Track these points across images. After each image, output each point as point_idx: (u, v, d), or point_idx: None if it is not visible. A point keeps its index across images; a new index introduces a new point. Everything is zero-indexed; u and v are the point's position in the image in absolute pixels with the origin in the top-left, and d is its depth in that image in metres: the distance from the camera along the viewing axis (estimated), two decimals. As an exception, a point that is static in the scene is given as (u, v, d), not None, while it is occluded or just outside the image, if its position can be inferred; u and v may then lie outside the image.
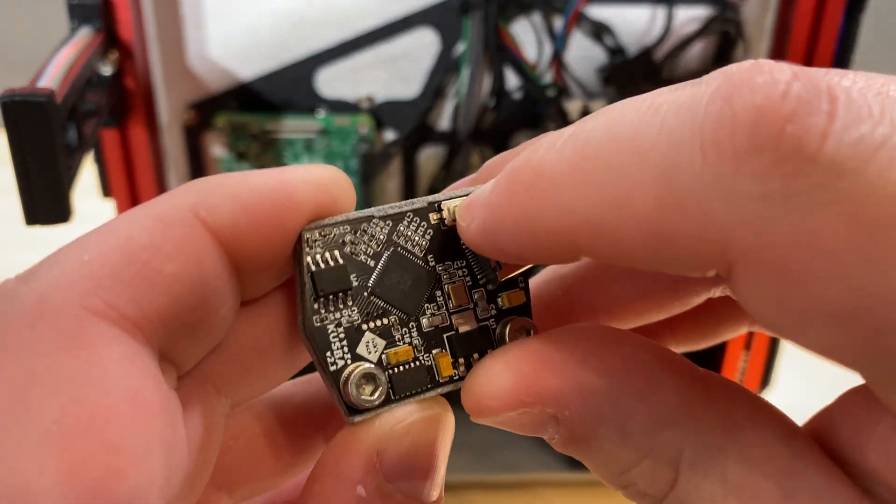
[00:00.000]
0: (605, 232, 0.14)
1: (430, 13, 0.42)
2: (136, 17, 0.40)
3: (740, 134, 0.13)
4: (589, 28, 0.42)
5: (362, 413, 0.18)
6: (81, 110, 0.35)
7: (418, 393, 0.18)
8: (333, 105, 0.44)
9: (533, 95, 0.43)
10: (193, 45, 0.43)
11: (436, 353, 0.18)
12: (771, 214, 0.13)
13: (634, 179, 0.14)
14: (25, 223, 0.32)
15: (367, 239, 0.18)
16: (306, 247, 0.17)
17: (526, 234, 0.16)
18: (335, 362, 0.17)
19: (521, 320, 0.19)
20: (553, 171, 0.15)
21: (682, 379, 0.16)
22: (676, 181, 0.13)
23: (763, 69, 0.13)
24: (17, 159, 0.31)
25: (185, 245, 0.16)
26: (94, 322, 0.15)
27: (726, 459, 0.15)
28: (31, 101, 0.30)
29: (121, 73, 0.40)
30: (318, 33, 0.43)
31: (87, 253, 0.16)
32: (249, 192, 0.17)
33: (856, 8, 0.39)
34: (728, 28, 0.42)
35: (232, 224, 0.17)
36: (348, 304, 0.18)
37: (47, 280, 0.15)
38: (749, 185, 0.13)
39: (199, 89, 0.44)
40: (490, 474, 0.49)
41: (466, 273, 0.19)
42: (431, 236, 0.19)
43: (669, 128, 0.14)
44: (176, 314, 0.16)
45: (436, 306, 0.19)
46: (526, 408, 0.16)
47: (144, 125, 0.42)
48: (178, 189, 0.17)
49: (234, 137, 0.44)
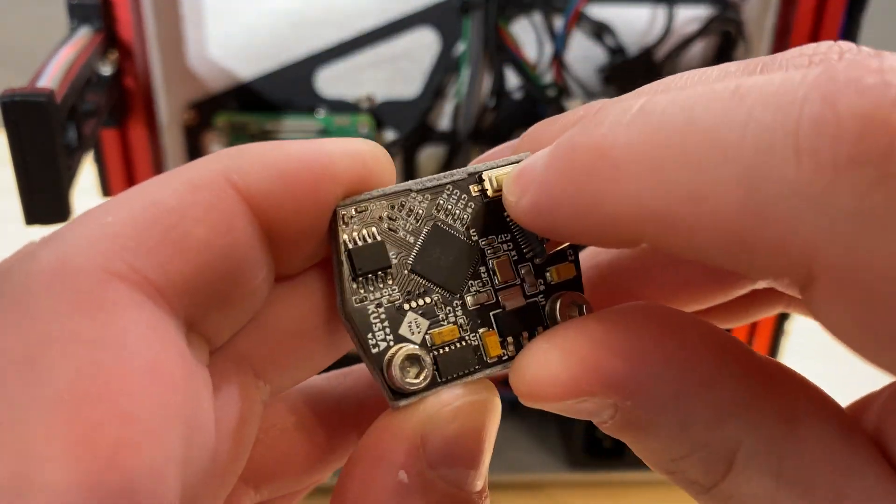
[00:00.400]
0: (676, 227, 0.13)
1: (430, 13, 0.42)
2: (135, 17, 0.40)
3: (844, 142, 0.12)
4: (589, 28, 0.42)
5: (407, 397, 0.17)
6: (81, 110, 0.35)
7: (466, 375, 0.17)
8: (333, 105, 0.44)
9: (533, 95, 0.43)
10: (193, 45, 0.43)
11: (482, 332, 0.17)
12: (867, 233, 0.12)
13: (715, 177, 0.13)
14: (25, 223, 0.32)
15: (405, 214, 0.17)
16: (342, 223, 0.17)
17: (585, 219, 0.15)
18: (377, 344, 0.17)
19: (572, 295, 0.18)
20: (620, 154, 0.14)
21: (745, 368, 0.15)
22: (764, 186, 0.12)
23: (872, 67, 0.12)
24: (17, 159, 0.31)
25: (214, 209, 0.15)
26: (115, 285, 0.14)
27: (783, 454, 0.15)
28: (31, 100, 0.30)
29: (120, 73, 0.40)
30: (318, 33, 0.43)
31: (112, 215, 0.15)
32: (285, 158, 0.16)
33: (856, 8, 0.39)
34: (729, 28, 0.42)
35: (265, 190, 0.16)
36: (388, 282, 0.17)
37: (69, 242, 0.14)
38: (848, 199, 0.12)
39: (199, 89, 0.44)
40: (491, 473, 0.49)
41: (512, 247, 0.18)
42: (473, 209, 0.18)
43: (758, 124, 0.12)
44: (204, 282, 0.15)
45: (480, 283, 0.18)
46: (587, 396, 0.15)
47: (144, 125, 0.42)
48: (210, 155, 0.16)
49: (234, 137, 0.44)
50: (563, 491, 0.51)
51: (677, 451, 0.15)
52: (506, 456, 0.50)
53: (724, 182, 0.13)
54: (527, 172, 0.16)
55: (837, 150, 0.12)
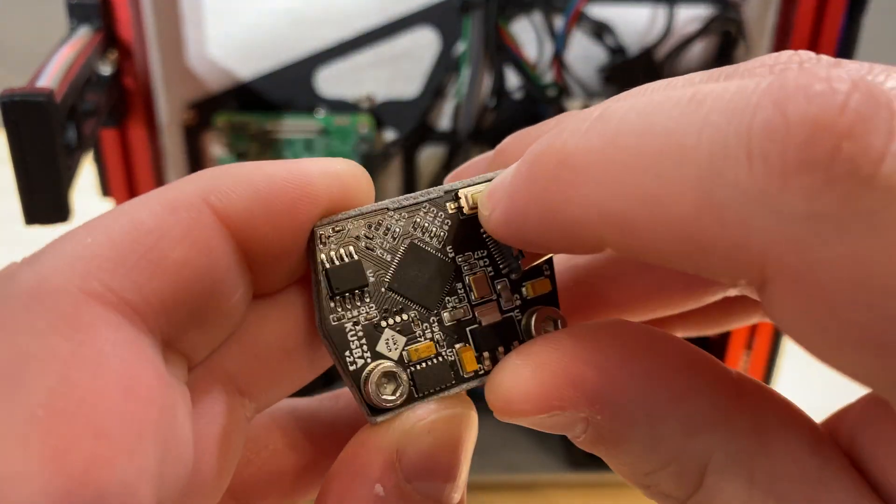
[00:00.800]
0: (635, 230, 0.14)
1: (430, 13, 0.42)
2: (135, 16, 0.40)
3: (792, 148, 0.12)
4: (590, 27, 0.42)
5: (384, 413, 0.17)
6: (81, 110, 0.35)
7: (442, 390, 0.18)
8: (333, 105, 0.44)
9: (533, 95, 0.43)
10: (193, 44, 0.43)
11: (459, 347, 0.18)
12: (817, 235, 0.12)
13: (672, 181, 0.13)
14: (25, 223, 0.32)
15: (382, 233, 0.18)
16: (319, 243, 0.17)
17: (550, 226, 0.15)
18: (354, 361, 0.17)
19: (548, 310, 0.18)
20: (579, 161, 0.14)
21: (716, 382, 0.16)
22: (718, 190, 0.13)
23: (821, 76, 0.12)
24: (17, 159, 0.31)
25: (192, 230, 0.16)
26: (91, 305, 0.14)
27: (754, 466, 0.15)
28: (31, 100, 0.30)
29: (120, 73, 0.40)
30: (318, 33, 0.43)
31: (92, 236, 0.15)
32: (263, 179, 0.16)
33: (857, 9, 0.39)
34: (729, 28, 0.42)
35: (243, 211, 0.16)
36: (366, 300, 0.17)
37: (48, 263, 0.15)
38: (797, 202, 0.12)
39: (199, 89, 0.44)
40: (491, 474, 0.49)
41: (488, 263, 0.18)
42: (450, 226, 0.18)
43: (714, 129, 0.13)
44: (181, 301, 0.16)
45: (457, 299, 0.18)
46: (557, 411, 0.16)
47: (144, 125, 0.42)
48: (189, 176, 0.16)
49: (233, 137, 0.44)
50: (563, 492, 0.51)
51: (650, 465, 0.16)
52: (505, 457, 0.50)
53: (680, 185, 0.13)
54: (498, 186, 0.17)
55: (786, 155, 0.12)
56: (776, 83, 0.13)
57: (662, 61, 0.42)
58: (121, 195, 0.43)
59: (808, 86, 0.12)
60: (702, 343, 0.42)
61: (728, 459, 0.15)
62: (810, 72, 0.13)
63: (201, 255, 0.16)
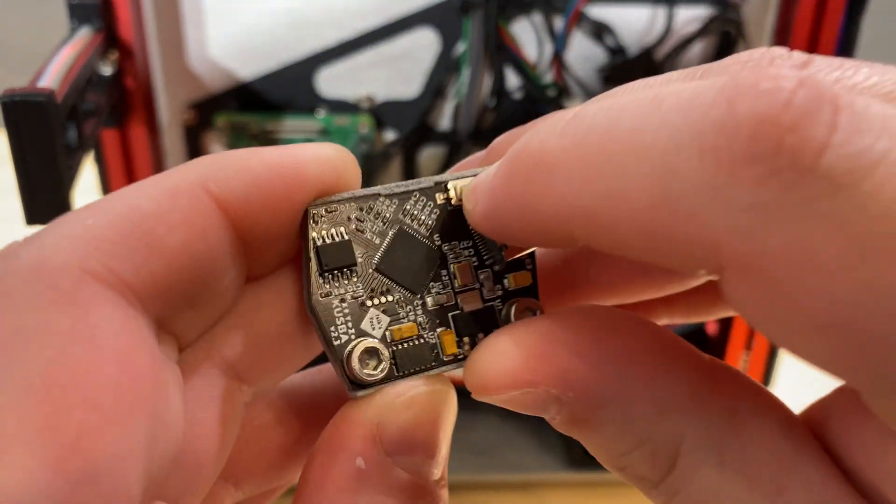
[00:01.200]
0: (600, 224, 0.14)
1: (430, 13, 0.42)
2: (135, 17, 0.40)
3: (739, 142, 0.13)
4: (589, 28, 0.42)
5: (365, 388, 0.18)
6: (81, 110, 0.35)
7: (422, 371, 0.18)
8: (333, 105, 0.44)
9: (533, 95, 0.43)
10: (193, 45, 0.43)
11: (441, 331, 0.18)
12: (762, 224, 0.13)
13: (631, 175, 0.14)
14: (26, 223, 0.32)
15: (373, 216, 0.18)
16: (312, 222, 0.18)
17: (525, 220, 0.16)
18: (339, 337, 0.18)
19: (527, 301, 0.19)
20: (553, 159, 0.15)
21: (688, 366, 0.16)
22: (672, 183, 0.13)
23: (768, 74, 0.13)
24: (18, 159, 0.31)
25: (190, 216, 0.16)
26: (90, 283, 0.15)
27: (725, 449, 0.15)
28: (32, 100, 0.30)
29: (121, 73, 0.40)
30: (319, 33, 0.43)
31: (92, 218, 0.16)
32: (260, 165, 0.17)
33: (856, 9, 0.39)
34: (728, 28, 0.42)
35: (241, 196, 0.17)
36: (353, 280, 0.18)
37: (49, 241, 0.15)
38: (743, 193, 0.13)
39: (199, 89, 0.44)
40: (490, 474, 0.49)
41: (472, 253, 0.19)
42: (438, 216, 0.19)
43: (670, 126, 0.14)
44: (176, 283, 0.16)
45: (441, 285, 0.19)
46: (530, 387, 0.16)
47: (144, 125, 0.42)
48: (188, 162, 0.17)
49: (234, 137, 0.44)
50: (561, 491, 0.51)
51: (623, 446, 0.16)
52: (504, 456, 0.50)
53: (640, 180, 0.14)
54: (480, 181, 0.17)
55: (734, 149, 0.13)
56: (729, 82, 0.13)
57: (662, 61, 0.42)
58: (121, 195, 0.43)
59: (756, 83, 0.13)
60: (701, 342, 0.42)
61: (700, 441, 0.15)
62: (761, 70, 0.13)
63: (198, 239, 0.16)
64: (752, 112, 0.13)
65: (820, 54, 0.16)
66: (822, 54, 0.16)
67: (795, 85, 0.13)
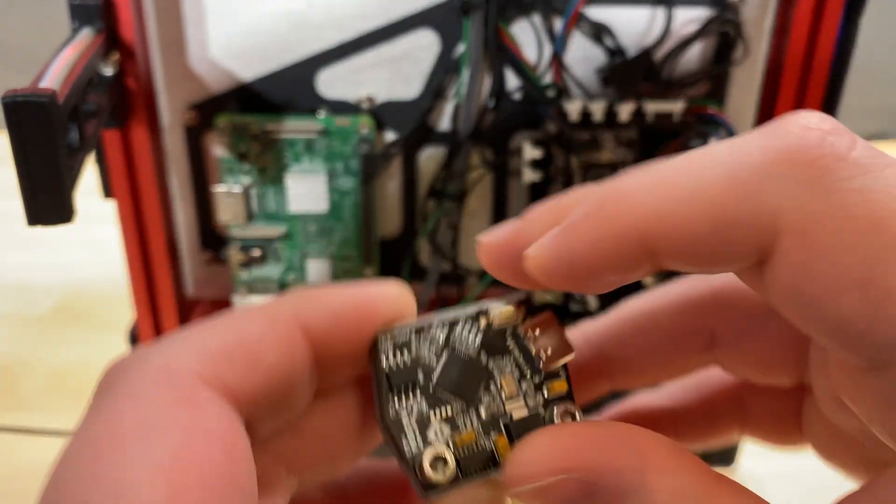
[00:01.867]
0: (676, 224, 0.18)
1: (430, 14, 0.42)
2: (137, 17, 0.40)
3: (792, 141, 0.17)
4: (589, 29, 0.42)
5: (436, 490, 0.20)
6: (83, 111, 0.36)
7: (483, 472, 0.21)
8: (334, 106, 0.44)
9: (533, 96, 0.43)
10: (194, 45, 0.43)
11: (495, 437, 0.21)
12: (811, 195, 0.17)
13: (706, 177, 0.18)
14: (27, 223, 0.32)
15: (429, 342, 0.22)
16: (381, 351, 0.21)
17: (599, 243, 0.19)
18: (410, 447, 0.21)
19: (565, 405, 0.22)
20: (629, 184, 0.19)
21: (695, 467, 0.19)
22: (741, 173, 0.17)
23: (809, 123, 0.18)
24: (19, 159, 0.31)
25: (284, 340, 0.20)
26: (203, 387, 0.18)
27: None
28: (33, 101, 0.30)
29: (122, 74, 0.40)
30: (319, 34, 0.43)
31: (209, 336, 0.20)
32: (339, 300, 0.21)
33: (854, 11, 0.39)
34: (727, 29, 0.42)
35: (324, 327, 0.21)
36: (417, 396, 0.21)
37: (174, 350, 0.19)
38: (796, 172, 0.17)
39: (200, 90, 0.44)
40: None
41: (514, 367, 0.22)
42: (483, 337, 0.22)
43: (737, 147, 0.18)
44: (266, 393, 0.20)
45: (491, 397, 0.22)
46: (564, 473, 0.19)
47: (146, 126, 0.42)
48: (286, 297, 0.21)
49: (235, 138, 0.44)
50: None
51: None
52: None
53: (714, 178, 0.18)
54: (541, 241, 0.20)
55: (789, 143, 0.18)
56: (774, 124, 0.18)
57: (661, 62, 0.43)
58: (123, 196, 0.43)
59: (797, 122, 0.18)
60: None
61: None
62: (798, 119, 0.18)
63: (288, 360, 0.20)
64: (799, 123, 0.18)
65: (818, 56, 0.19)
66: (820, 55, 0.19)
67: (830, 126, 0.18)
